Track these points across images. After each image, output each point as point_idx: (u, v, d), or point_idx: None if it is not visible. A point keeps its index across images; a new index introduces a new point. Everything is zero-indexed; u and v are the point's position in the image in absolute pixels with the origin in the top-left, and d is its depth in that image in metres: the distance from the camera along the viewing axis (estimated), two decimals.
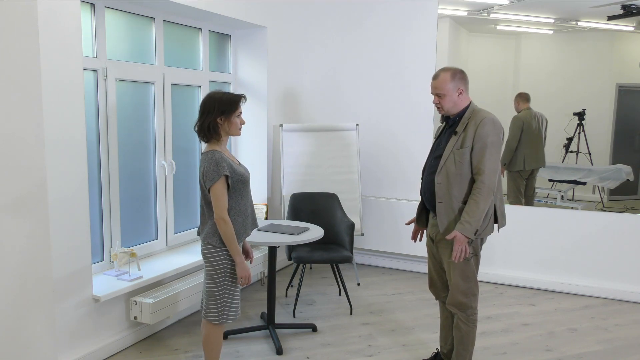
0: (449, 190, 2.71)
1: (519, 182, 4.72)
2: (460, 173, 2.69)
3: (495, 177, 2.66)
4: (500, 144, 2.71)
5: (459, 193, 2.70)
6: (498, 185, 2.73)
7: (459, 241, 2.63)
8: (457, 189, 2.70)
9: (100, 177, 3.46)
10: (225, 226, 2.60)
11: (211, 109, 2.65)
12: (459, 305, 2.80)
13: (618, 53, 4.31)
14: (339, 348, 3.45)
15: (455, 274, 2.77)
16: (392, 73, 4.95)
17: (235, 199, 2.68)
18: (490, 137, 2.65)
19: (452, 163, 2.71)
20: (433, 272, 3.01)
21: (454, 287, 2.79)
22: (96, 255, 3.48)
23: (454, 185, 2.71)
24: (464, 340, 2.83)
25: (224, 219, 2.60)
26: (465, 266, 2.75)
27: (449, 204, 2.72)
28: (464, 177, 2.69)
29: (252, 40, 4.68)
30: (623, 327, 3.83)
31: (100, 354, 3.20)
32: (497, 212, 2.78)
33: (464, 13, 4.69)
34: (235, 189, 2.67)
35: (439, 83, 2.72)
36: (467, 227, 2.61)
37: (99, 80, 3.39)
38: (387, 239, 4.98)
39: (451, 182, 2.71)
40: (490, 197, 2.64)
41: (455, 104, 2.74)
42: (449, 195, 2.71)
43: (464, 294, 2.77)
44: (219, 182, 2.58)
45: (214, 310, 2.71)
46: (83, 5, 3.27)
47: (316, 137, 4.81)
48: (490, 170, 2.64)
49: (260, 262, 4.34)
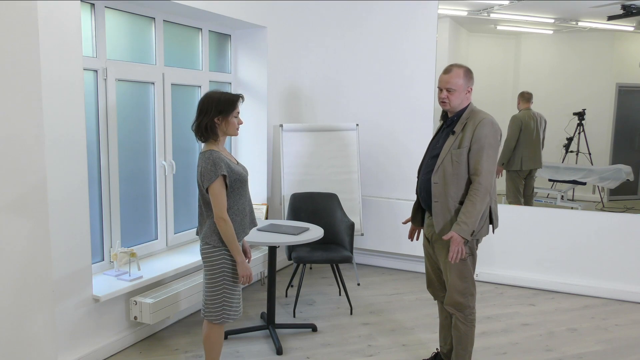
0: (446, 190, 2.71)
1: (517, 182, 4.72)
2: (457, 173, 2.69)
3: (492, 178, 2.66)
4: (497, 145, 2.71)
5: (456, 193, 2.70)
6: (493, 186, 2.74)
7: (455, 242, 2.63)
8: (454, 189, 2.70)
9: (100, 177, 3.46)
10: (225, 226, 2.60)
11: (209, 109, 2.64)
12: (456, 305, 2.80)
13: (618, 53, 4.31)
14: (339, 348, 3.45)
15: (452, 274, 2.77)
16: (392, 73, 4.95)
17: (234, 199, 2.68)
18: (489, 138, 2.65)
19: (449, 163, 2.70)
20: (430, 272, 3.01)
21: (451, 287, 2.79)
22: (96, 255, 3.48)
23: (450, 185, 2.70)
24: (462, 340, 2.83)
25: (224, 219, 2.60)
26: (462, 266, 2.75)
27: (445, 203, 2.72)
28: (461, 177, 2.69)
29: (252, 40, 4.68)
30: (623, 327, 3.83)
31: (100, 354, 3.20)
32: (492, 214, 2.78)
33: (464, 13, 4.69)
34: (234, 188, 2.67)
35: (452, 78, 2.68)
36: (464, 227, 2.61)
37: (99, 80, 3.39)
38: (387, 239, 4.98)
39: (448, 181, 2.71)
40: (486, 198, 2.64)
41: (461, 103, 2.73)
42: (445, 195, 2.71)
43: (461, 294, 2.77)
44: (216, 181, 2.58)
45: (213, 310, 2.71)
46: (83, 5, 3.27)
47: (316, 137, 4.80)
48: (487, 172, 2.64)
49: (260, 262, 4.34)
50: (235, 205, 2.69)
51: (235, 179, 2.66)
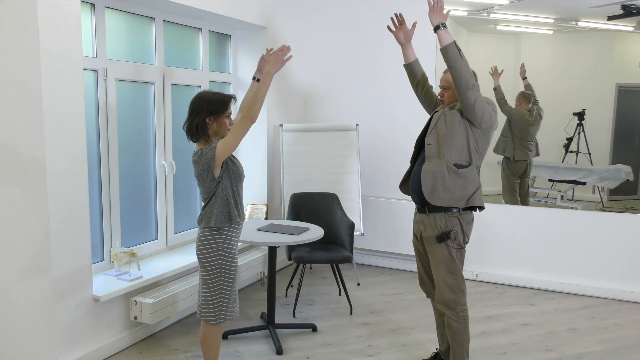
0: (439, 150, 2.73)
1: (513, 181, 4.73)
2: (451, 134, 2.70)
3: (483, 105, 2.65)
4: (489, 106, 2.70)
5: (449, 153, 2.71)
6: (478, 172, 2.77)
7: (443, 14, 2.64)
8: (447, 149, 2.71)
9: (100, 177, 3.46)
10: (255, 107, 2.59)
11: (200, 109, 2.65)
12: (447, 303, 2.79)
13: (618, 53, 4.31)
14: (338, 348, 3.45)
15: (440, 270, 2.77)
16: (392, 73, 4.95)
17: (232, 188, 2.70)
18: (480, 97, 2.67)
19: (442, 123, 2.73)
20: (421, 270, 3.03)
21: (440, 283, 2.79)
22: (96, 255, 3.48)
23: (443, 145, 2.72)
24: (457, 337, 2.83)
25: (250, 115, 2.58)
26: (450, 262, 2.75)
27: (437, 163, 2.72)
28: (455, 137, 2.70)
29: (252, 40, 4.68)
30: (623, 327, 3.83)
31: (100, 354, 3.20)
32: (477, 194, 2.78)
33: (464, 13, 4.69)
34: (231, 178, 2.69)
35: (448, 77, 2.78)
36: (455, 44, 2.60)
37: (99, 80, 3.39)
38: (386, 238, 4.98)
39: (441, 142, 2.72)
40: (472, 79, 2.61)
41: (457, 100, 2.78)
42: (439, 156, 2.72)
43: (451, 290, 2.77)
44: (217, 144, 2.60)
45: (210, 310, 2.71)
46: (83, 5, 3.27)
47: (316, 137, 4.81)
48: (481, 102, 2.64)
49: (260, 262, 4.34)
50: (231, 193, 2.70)
51: (234, 172, 2.69)
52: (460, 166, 2.70)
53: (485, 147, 2.78)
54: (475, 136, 2.72)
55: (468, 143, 2.70)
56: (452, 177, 2.69)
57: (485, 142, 2.77)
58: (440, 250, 2.76)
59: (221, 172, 2.65)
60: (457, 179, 2.69)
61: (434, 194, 2.72)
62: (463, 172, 2.70)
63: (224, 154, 2.59)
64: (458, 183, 2.70)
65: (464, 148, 2.70)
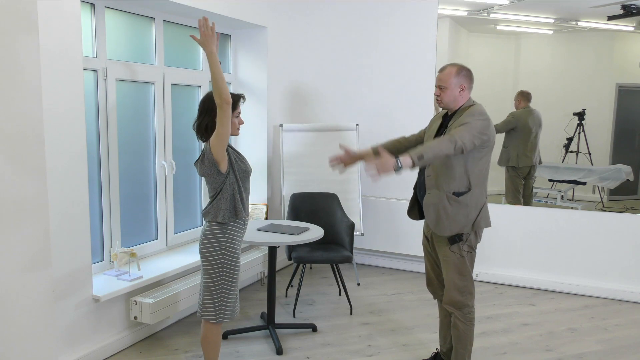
0: (437, 182, 2.73)
1: (517, 182, 4.73)
2: (447, 164, 2.69)
3: (465, 140, 2.53)
4: (481, 130, 2.61)
5: (447, 183, 2.70)
6: (483, 190, 2.75)
7: (385, 160, 2.41)
8: (445, 179, 2.70)
9: (100, 177, 3.46)
10: (221, 89, 2.50)
11: (210, 108, 2.65)
12: (455, 304, 2.80)
13: (618, 53, 4.31)
14: (338, 348, 3.45)
15: (450, 271, 2.77)
16: (392, 73, 4.95)
17: (237, 184, 2.71)
18: (474, 118, 2.61)
19: None
20: (430, 271, 3.02)
21: (449, 285, 2.79)
22: (96, 255, 3.48)
23: (441, 175, 2.71)
24: (462, 339, 2.83)
25: (223, 99, 2.50)
26: (460, 264, 2.75)
27: (437, 194, 2.72)
28: (451, 167, 2.69)
29: (252, 40, 4.68)
30: (623, 327, 3.83)
31: (100, 354, 3.20)
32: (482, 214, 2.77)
33: (464, 13, 4.69)
34: (237, 175, 2.71)
35: (444, 76, 2.75)
36: (415, 152, 2.47)
37: (99, 80, 3.39)
38: (386, 238, 4.98)
39: (439, 172, 2.72)
40: (450, 148, 2.50)
41: (455, 100, 2.75)
42: (437, 187, 2.73)
43: (460, 292, 2.78)
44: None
45: (211, 309, 2.71)
46: (83, 5, 3.27)
47: (316, 137, 4.81)
48: (463, 135, 2.54)
49: (260, 262, 4.34)
50: (244, 191, 2.73)
51: (238, 167, 2.71)
52: (459, 194, 2.70)
53: (487, 166, 2.76)
54: (474, 158, 2.69)
55: (466, 168, 2.68)
56: (453, 205, 2.71)
57: (486, 162, 2.76)
58: (451, 252, 2.76)
59: (228, 166, 2.66)
60: (459, 206, 2.70)
61: (440, 224, 2.74)
62: (463, 199, 2.70)
63: (218, 145, 2.59)
64: (460, 211, 2.71)
65: (463, 175, 2.69)
